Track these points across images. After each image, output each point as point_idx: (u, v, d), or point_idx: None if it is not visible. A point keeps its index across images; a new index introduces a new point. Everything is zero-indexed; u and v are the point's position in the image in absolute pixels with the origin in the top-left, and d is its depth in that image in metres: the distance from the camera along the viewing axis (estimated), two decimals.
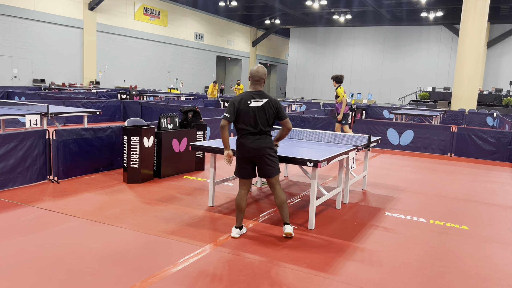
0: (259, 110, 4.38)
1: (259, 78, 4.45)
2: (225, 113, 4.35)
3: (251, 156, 4.42)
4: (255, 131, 4.38)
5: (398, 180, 7.77)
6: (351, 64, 40.31)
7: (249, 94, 4.41)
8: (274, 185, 4.51)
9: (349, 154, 5.48)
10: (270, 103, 4.42)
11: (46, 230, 4.42)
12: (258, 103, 4.38)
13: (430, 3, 30.16)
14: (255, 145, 4.38)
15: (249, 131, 4.38)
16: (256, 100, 4.38)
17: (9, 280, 3.36)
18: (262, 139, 4.41)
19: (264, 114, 4.39)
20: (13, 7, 21.37)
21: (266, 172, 4.47)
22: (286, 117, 4.52)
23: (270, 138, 4.50)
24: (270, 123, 4.45)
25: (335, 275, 3.70)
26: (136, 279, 3.47)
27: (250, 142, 4.38)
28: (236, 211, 4.52)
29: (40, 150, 6.26)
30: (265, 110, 4.40)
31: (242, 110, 4.35)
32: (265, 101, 4.40)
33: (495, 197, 6.80)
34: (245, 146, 4.39)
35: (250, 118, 4.36)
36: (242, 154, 4.44)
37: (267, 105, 4.41)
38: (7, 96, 16.61)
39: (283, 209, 4.52)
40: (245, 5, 34.84)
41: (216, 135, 10.66)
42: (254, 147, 4.38)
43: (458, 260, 4.17)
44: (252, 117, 4.36)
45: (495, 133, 10.51)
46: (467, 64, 21.90)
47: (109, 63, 27.23)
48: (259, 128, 4.38)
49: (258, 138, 4.39)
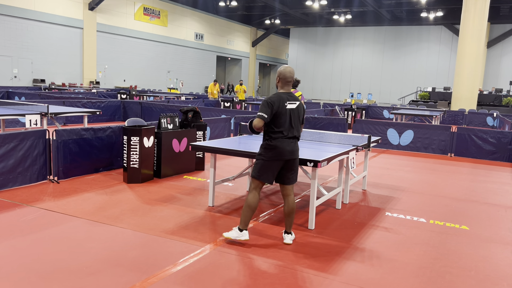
0: (293, 112, 4.29)
1: (291, 79, 4.34)
2: (262, 113, 4.17)
3: (287, 160, 4.30)
4: (290, 135, 4.27)
5: (398, 180, 7.77)
6: (351, 64, 40.30)
7: (285, 96, 4.27)
8: (290, 192, 4.41)
9: (349, 154, 5.48)
10: (301, 106, 4.37)
11: (46, 230, 4.42)
12: (293, 106, 4.28)
13: (430, 3, 30.16)
14: (291, 148, 4.27)
15: (284, 135, 4.24)
16: (291, 102, 4.28)
17: (9, 280, 3.36)
18: (295, 142, 4.33)
19: (297, 117, 4.33)
20: (13, 7, 21.37)
21: (291, 178, 4.37)
22: (304, 121, 4.52)
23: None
24: (300, 127, 4.40)
25: (335, 275, 3.70)
26: (136, 279, 3.47)
27: (286, 145, 4.24)
28: (248, 213, 4.30)
29: (40, 150, 6.26)
30: (298, 113, 4.34)
31: (280, 112, 4.21)
32: (298, 103, 4.33)
33: (495, 197, 6.80)
34: (281, 149, 4.22)
35: (286, 121, 4.24)
36: (277, 157, 4.25)
37: (300, 108, 4.36)
38: (7, 96, 16.61)
39: (291, 218, 4.42)
40: (245, 5, 34.84)
41: (216, 135, 10.66)
42: (290, 150, 4.26)
43: (458, 260, 4.17)
44: (288, 120, 4.25)
45: (495, 133, 10.52)
46: (467, 64, 21.90)
47: (109, 63, 27.23)
48: (293, 132, 4.28)
49: (292, 142, 4.29)
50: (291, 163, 4.32)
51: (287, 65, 4.45)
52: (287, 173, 4.35)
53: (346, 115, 17.94)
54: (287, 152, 4.25)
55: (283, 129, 4.23)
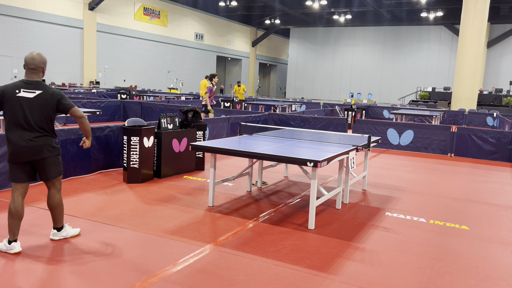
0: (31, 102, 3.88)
1: (33, 66, 3.90)
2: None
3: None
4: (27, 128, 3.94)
5: (398, 180, 7.77)
6: (351, 64, 40.30)
7: (21, 83, 3.90)
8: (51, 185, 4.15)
9: (349, 154, 5.48)
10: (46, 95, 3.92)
11: (46, 230, 4.41)
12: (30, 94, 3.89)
13: (430, 3, 30.16)
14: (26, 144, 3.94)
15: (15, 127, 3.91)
16: (27, 90, 3.89)
17: (9, 280, 3.36)
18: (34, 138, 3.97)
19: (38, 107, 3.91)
20: (13, 7, 21.37)
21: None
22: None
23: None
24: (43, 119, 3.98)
25: (335, 275, 3.70)
26: (136, 279, 3.47)
27: (21, 140, 3.91)
28: (10, 221, 3.90)
29: None
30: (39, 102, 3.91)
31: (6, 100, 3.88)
32: (39, 92, 3.90)
33: (495, 197, 6.80)
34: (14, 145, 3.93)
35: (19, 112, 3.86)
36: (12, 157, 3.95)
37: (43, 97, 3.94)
38: None
39: (54, 212, 4.15)
40: (245, 5, 34.84)
41: (214, 135, 10.66)
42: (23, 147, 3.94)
43: (458, 260, 4.17)
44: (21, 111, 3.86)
45: (495, 133, 10.52)
46: (467, 64, 21.90)
47: (109, 63, 27.23)
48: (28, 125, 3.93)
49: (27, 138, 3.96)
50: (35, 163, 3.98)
51: (34, 52, 4.05)
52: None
53: (346, 115, 17.94)
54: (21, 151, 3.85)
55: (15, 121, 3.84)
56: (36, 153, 3.88)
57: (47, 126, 3.91)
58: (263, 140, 6.05)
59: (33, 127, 3.84)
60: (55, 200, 4.12)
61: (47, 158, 3.94)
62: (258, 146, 5.45)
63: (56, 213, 4.15)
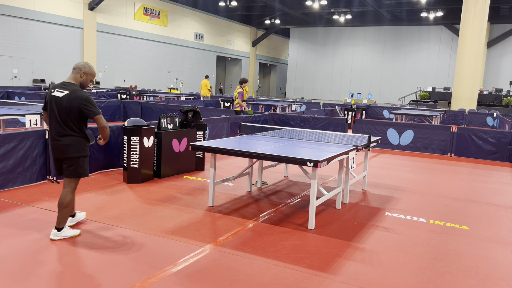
0: (58, 102, 4.21)
1: (74, 68, 4.26)
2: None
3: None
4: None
5: (398, 180, 7.77)
6: (351, 64, 40.30)
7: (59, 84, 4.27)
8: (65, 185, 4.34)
9: (349, 154, 5.48)
10: (69, 96, 4.18)
11: (46, 230, 4.41)
12: (59, 94, 4.24)
13: (430, 3, 30.16)
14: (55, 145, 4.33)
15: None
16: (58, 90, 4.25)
17: (9, 280, 3.36)
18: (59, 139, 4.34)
19: (63, 109, 4.20)
20: (13, 7, 21.37)
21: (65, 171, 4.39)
22: None
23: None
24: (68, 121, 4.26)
25: (335, 275, 3.70)
26: (136, 279, 3.47)
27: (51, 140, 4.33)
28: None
29: (40, 150, 6.26)
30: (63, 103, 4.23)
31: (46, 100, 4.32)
32: (65, 92, 4.18)
33: (495, 197, 6.80)
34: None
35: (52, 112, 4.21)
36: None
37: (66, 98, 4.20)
38: (7, 96, 16.60)
39: (59, 211, 4.24)
40: (245, 5, 34.83)
41: (215, 135, 10.66)
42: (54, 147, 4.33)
43: (458, 260, 4.17)
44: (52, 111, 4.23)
45: (495, 133, 10.52)
46: (467, 64, 21.90)
47: (109, 63, 27.22)
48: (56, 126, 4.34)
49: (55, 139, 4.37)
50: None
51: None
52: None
53: (346, 115, 17.94)
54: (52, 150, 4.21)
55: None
56: (61, 151, 4.13)
57: (74, 127, 4.11)
58: (263, 140, 6.05)
59: (61, 125, 4.09)
60: (66, 200, 4.20)
61: (69, 158, 4.13)
62: (258, 146, 5.45)
63: (62, 213, 4.21)
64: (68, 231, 4.29)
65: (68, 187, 4.22)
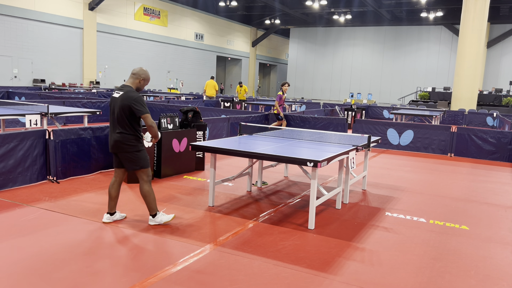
0: (115, 102, 4.74)
1: (133, 73, 4.69)
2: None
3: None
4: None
5: (398, 180, 7.77)
6: (351, 64, 40.29)
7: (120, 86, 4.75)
8: (139, 177, 4.74)
9: (349, 154, 5.48)
10: (123, 96, 4.65)
11: (46, 230, 4.42)
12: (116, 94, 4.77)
13: (430, 3, 30.15)
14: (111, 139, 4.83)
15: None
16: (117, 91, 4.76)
17: (9, 280, 3.36)
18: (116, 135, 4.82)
19: (119, 108, 4.70)
20: (13, 7, 21.36)
21: (126, 166, 4.79)
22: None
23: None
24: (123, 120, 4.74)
25: (335, 275, 3.70)
26: (136, 279, 3.47)
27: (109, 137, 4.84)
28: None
29: (40, 150, 6.26)
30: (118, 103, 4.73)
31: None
32: (120, 93, 4.70)
33: (495, 197, 6.80)
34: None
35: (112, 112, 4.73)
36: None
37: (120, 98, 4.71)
38: (7, 96, 16.60)
39: (146, 201, 4.70)
40: (245, 5, 34.82)
41: (215, 135, 10.66)
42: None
43: (458, 260, 4.17)
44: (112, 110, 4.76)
45: (495, 133, 10.52)
46: (467, 64, 21.89)
47: (109, 63, 27.22)
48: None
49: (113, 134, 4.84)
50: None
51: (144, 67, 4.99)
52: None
53: (346, 115, 17.94)
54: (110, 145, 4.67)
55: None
56: (115, 147, 4.54)
57: (126, 125, 4.50)
58: (263, 140, 6.05)
59: (116, 123, 4.54)
60: (143, 190, 4.62)
61: (124, 153, 4.53)
62: (258, 146, 5.45)
63: (146, 202, 4.66)
64: (162, 217, 4.71)
65: (140, 179, 4.63)
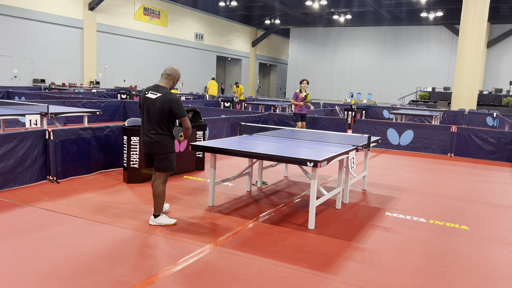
0: (151, 103, 4.74)
1: (167, 74, 4.73)
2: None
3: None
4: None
5: (398, 180, 7.77)
6: (351, 64, 40.29)
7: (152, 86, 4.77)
8: (157, 177, 4.82)
9: (349, 154, 5.48)
10: (162, 98, 4.69)
11: (46, 230, 4.42)
12: (152, 95, 4.75)
13: (430, 3, 30.15)
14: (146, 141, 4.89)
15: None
16: (152, 92, 4.76)
17: (9, 280, 3.36)
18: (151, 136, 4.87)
19: (155, 109, 4.73)
20: (13, 7, 21.36)
21: (156, 166, 4.86)
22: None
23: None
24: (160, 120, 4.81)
25: (335, 275, 3.70)
26: (136, 279, 3.47)
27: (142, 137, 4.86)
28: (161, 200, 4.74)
29: (40, 150, 6.26)
30: (156, 104, 4.75)
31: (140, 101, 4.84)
32: (158, 95, 4.70)
33: (495, 197, 6.81)
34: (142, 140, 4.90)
35: (143, 111, 4.77)
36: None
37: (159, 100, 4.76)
38: (7, 96, 16.60)
39: (155, 201, 4.75)
40: (245, 5, 34.82)
41: (215, 135, 10.66)
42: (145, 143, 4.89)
43: (458, 260, 4.17)
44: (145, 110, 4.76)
45: (495, 133, 10.52)
46: (467, 64, 21.89)
47: (109, 63, 27.22)
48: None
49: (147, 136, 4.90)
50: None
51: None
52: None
53: (346, 115, 17.94)
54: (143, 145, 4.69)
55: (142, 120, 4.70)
56: (151, 147, 4.59)
57: (163, 126, 4.55)
58: (263, 140, 6.05)
59: (152, 124, 4.54)
60: (157, 190, 4.68)
61: (158, 153, 4.59)
62: (258, 146, 5.45)
63: (156, 202, 4.69)
64: (163, 219, 4.71)
65: (159, 179, 4.68)
